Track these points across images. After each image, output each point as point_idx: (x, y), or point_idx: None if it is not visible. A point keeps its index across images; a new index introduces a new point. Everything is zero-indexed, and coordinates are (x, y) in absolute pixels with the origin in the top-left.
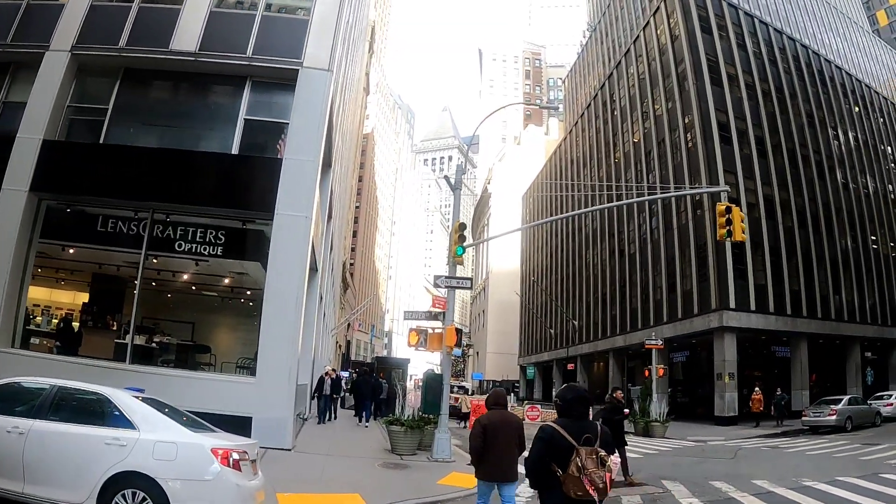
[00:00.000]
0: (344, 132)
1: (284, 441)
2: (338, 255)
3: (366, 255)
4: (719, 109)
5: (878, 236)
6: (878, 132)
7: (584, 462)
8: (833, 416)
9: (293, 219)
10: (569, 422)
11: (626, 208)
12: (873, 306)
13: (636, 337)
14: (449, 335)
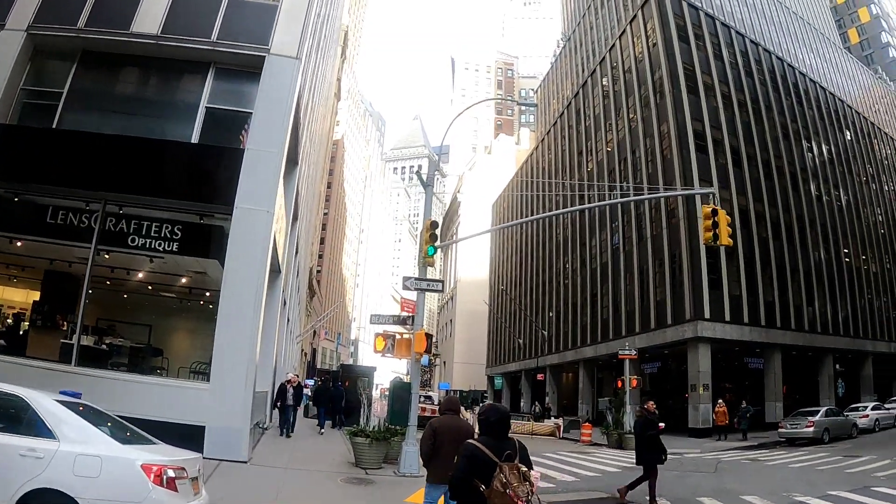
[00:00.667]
0: (312, 133)
1: (240, 453)
2: (304, 261)
3: (333, 262)
4: (695, 118)
5: (850, 249)
6: (850, 146)
7: (507, 477)
8: (810, 428)
9: (253, 213)
10: (490, 440)
11: (597, 218)
12: (846, 318)
13: (607, 347)
14: (418, 340)
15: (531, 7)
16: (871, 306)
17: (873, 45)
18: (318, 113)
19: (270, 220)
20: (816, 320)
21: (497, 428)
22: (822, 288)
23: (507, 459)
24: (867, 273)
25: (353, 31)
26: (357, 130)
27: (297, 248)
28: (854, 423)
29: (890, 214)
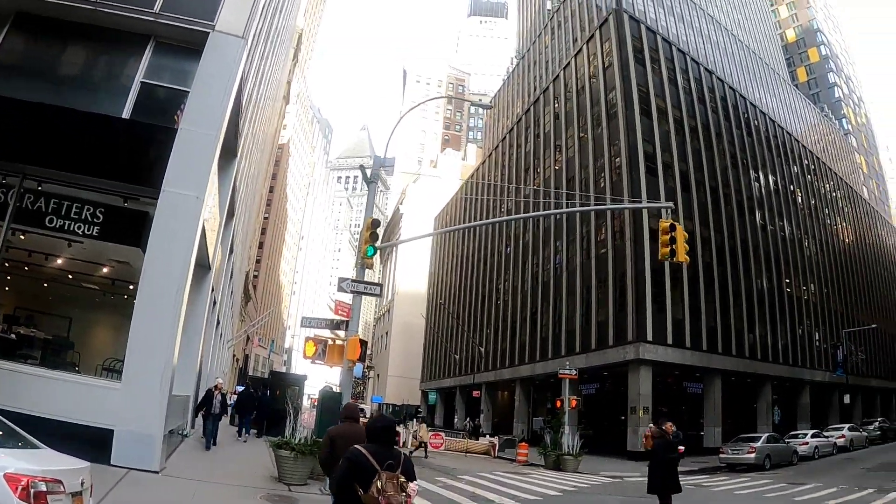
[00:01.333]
0: (256, 130)
1: (151, 461)
2: (241, 263)
3: (271, 267)
4: (647, 141)
5: (791, 279)
6: (795, 179)
7: (384, 485)
8: (752, 454)
9: (182, 198)
10: (376, 447)
11: (541, 236)
12: (785, 347)
13: (545, 366)
14: (351, 347)
15: (486, 25)
16: (810, 336)
17: (820, 84)
18: (265, 112)
19: (199, 207)
20: (757, 347)
21: (382, 436)
22: (763, 316)
23: (388, 468)
24: (806, 303)
25: (307, 35)
26: (304, 136)
27: (233, 247)
28: (794, 450)
29: (829, 247)
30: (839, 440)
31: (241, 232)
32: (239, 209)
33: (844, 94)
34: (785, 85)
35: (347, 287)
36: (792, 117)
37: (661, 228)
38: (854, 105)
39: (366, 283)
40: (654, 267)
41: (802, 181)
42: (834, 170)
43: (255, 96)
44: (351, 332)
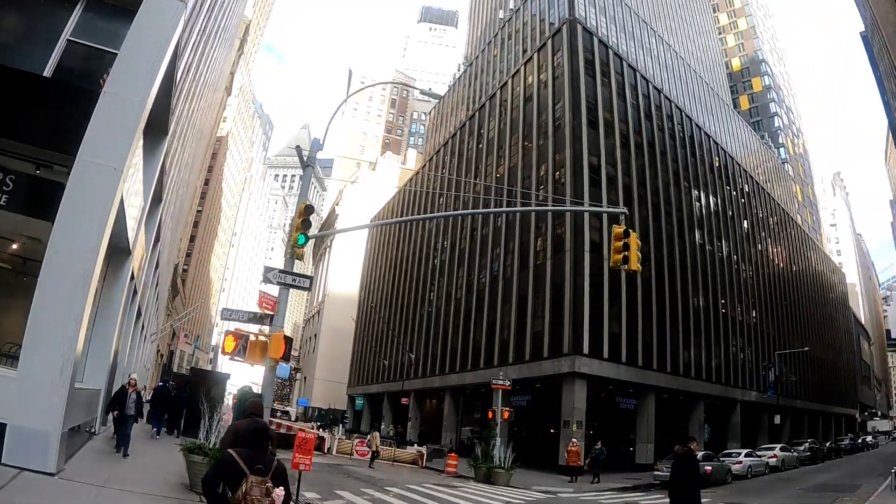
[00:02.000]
0: (193, 113)
1: (46, 462)
2: (168, 254)
3: (202, 262)
4: (592, 153)
5: (727, 300)
6: (734, 202)
7: (249, 488)
8: None
9: (99, 168)
10: (247, 451)
11: (479, 244)
12: (718, 366)
13: (476, 376)
14: (275, 344)
15: (436, 33)
16: (743, 356)
17: (762, 113)
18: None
19: (117, 180)
20: (691, 365)
21: (253, 439)
22: (698, 334)
23: (256, 472)
24: (740, 324)
25: (254, 28)
26: (243, 130)
27: (159, 235)
28: (729, 469)
29: (764, 271)
30: (771, 460)
31: (169, 221)
32: (168, 195)
33: (784, 124)
34: (728, 110)
35: (274, 278)
36: (734, 142)
37: (614, 234)
38: (793, 136)
39: (294, 275)
40: (592, 280)
41: (741, 204)
42: (773, 196)
43: (191, 74)
44: (275, 327)
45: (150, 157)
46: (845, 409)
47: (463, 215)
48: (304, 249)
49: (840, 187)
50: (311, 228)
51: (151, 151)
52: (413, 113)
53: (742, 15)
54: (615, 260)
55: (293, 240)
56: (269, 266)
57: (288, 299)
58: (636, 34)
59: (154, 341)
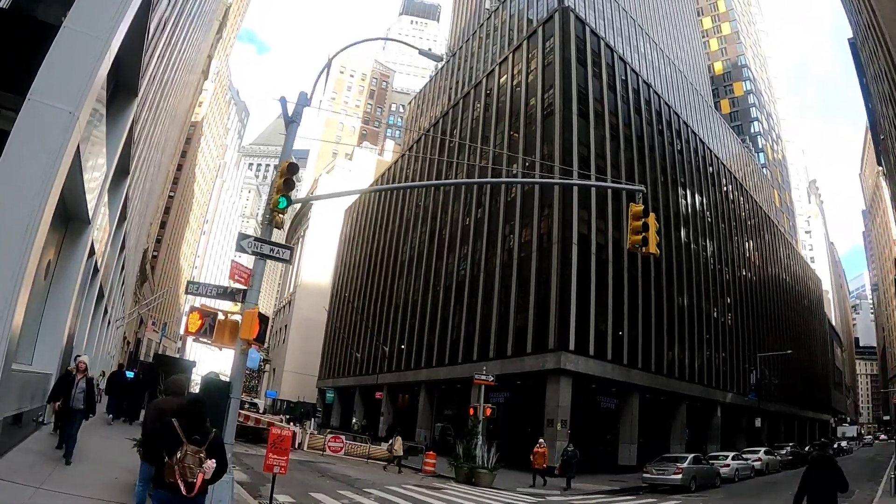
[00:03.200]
0: (167, 83)
1: None
2: (137, 236)
3: (172, 249)
4: (582, 143)
5: (709, 300)
6: (719, 202)
7: (183, 456)
8: (678, 475)
9: (51, 112)
10: (186, 422)
11: (459, 234)
12: (700, 367)
13: (454, 371)
14: (247, 323)
15: (417, 26)
16: (724, 358)
17: (742, 117)
18: (180, 71)
19: (72, 126)
20: (675, 365)
21: (190, 410)
22: (682, 334)
23: (193, 442)
24: (723, 325)
25: (234, 13)
26: (219, 116)
27: (126, 212)
28: (717, 472)
29: (746, 273)
30: (756, 463)
31: (137, 199)
32: (137, 170)
33: (764, 129)
34: (711, 112)
35: (249, 247)
36: (718, 143)
37: (632, 213)
38: (772, 141)
39: (272, 245)
40: (580, 274)
41: (726, 205)
42: (755, 199)
43: (166, 39)
44: (248, 304)
45: (116, 119)
46: (819, 415)
47: (467, 184)
48: (284, 217)
49: (815, 195)
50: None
51: (118, 114)
52: (392, 105)
53: (726, 20)
54: (633, 241)
55: (273, 202)
56: (244, 233)
57: (263, 275)
58: (624, 30)
59: (120, 327)
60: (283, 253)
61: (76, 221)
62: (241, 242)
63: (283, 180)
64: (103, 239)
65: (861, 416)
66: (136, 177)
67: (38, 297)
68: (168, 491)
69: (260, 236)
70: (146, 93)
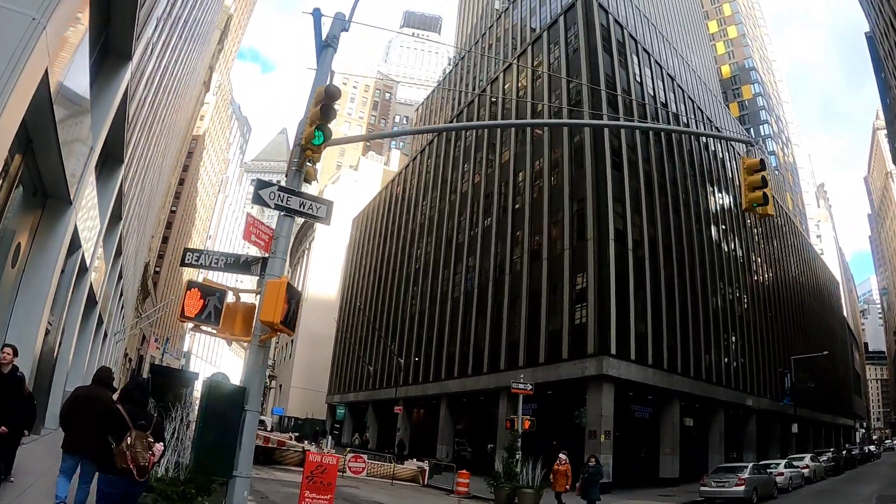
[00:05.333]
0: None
1: None
2: (137, 241)
3: (174, 264)
4: (613, 134)
5: (741, 301)
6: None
7: (133, 441)
8: (741, 487)
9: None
10: (131, 407)
11: (479, 234)
12: (735, 371)
13: (479, 382)
14: (271, 298)
15: (420, 38)
16: (757, 362)
17: (751, 120)
18: (183, 84)
19: (37, 35)
20: (712, 370)
21: (135, 396)
22: (717, 337)
23: (139, 427)
24: (753, 328)
25: (234, 27)
26: (221, 130)
27: (122, 211)
28: (775, 482)
29: (770, 275)
30: (804, 471)
31: (135, 195)
32: (135, 161)
33: (774, 132)
34: (726, 113)
35: (271, 198)
36: (735, 143)
37: (747, 166)
38: (783, 144)
39: (304, 198)
40: (618, 271)
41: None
42: (777, 199)
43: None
44: (271, 272)
45: (112, 74)
46: (843, 419)
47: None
48: (319, 160)
49: (824, 199)
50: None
51: (110, 75)
52: (395, 116)
53: (732, 23)
54: (750, 200)
55: (305, 137)
56: (263, 180)
57: (291, 236)
58: (640, 28)
59: (119, 342)
60: (317, 208)
61: (55, 200)
62: (260, 192)
63: (321, 107)
64: (92, 231)
65: (873, 421)
66: (134, 166)
67: (3, 288)
68: (121, 476)
69: (285, 185)
70: (140, 60)
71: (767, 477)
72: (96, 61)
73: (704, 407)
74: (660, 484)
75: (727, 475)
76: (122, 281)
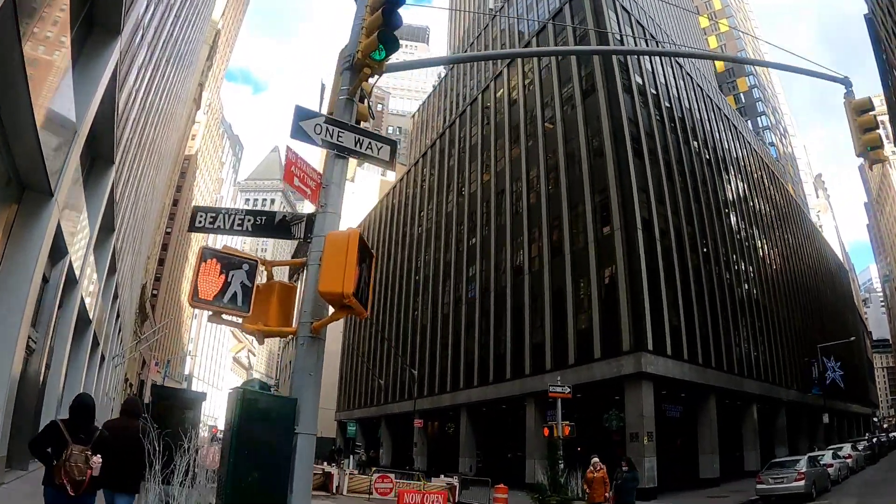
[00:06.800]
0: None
1: None
2: (133, 263)
3: (172, 287)
4: (630, 120)
5: (763, 290)
6: (761, 189)
7: (69, 455)
8: (801, 482)
9: None
10: (72, 422)
11: (493, 234)
12: (764, 363)
13: (502, 389)
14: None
15: (407, 49)
16: (783, 351)
17: (749, 113)
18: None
19: None
20: (743, 363)
21: (76, 412)
22: (745, 327)
23: (78, 441)
24: (777, 317)
25: (223, 44)
26: (213, 150)
27: (115, 223)
28: (828, 474)
29: (790, 262)
30: (848, 461)
31: (128, 208)
32: (127, 166)
33: (772, 123)
34: (727, 104)
35: (318, 132)
36: (743, 133)
37: (854, 106)
38: (780, 134)
39: (358, 132)
40: (648, 262)
41: (764, 193)
42: (787, 188)
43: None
44: (320, 236)
45: (95, 55)
46: (862, 408)
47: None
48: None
49: (822, 189)
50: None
51: (96, 49)
52: (388, 127)
53: (723, 16)
54: (865, 143)
55: (363, 49)
56: (303, 107)
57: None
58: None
59: (119, 365)
60: (377, 148)
61: (32, 193)
62: (302, 124)
63: (383, 9)
64: (82, 239)
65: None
66: (123, 175)
67: None
68: (57, 490)
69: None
70: (132, 34)
71: (822, 469)
72: (80, 33)
73: (737, 402)
74: (701, 485)
75: (784, 470)
76: (118, 301)
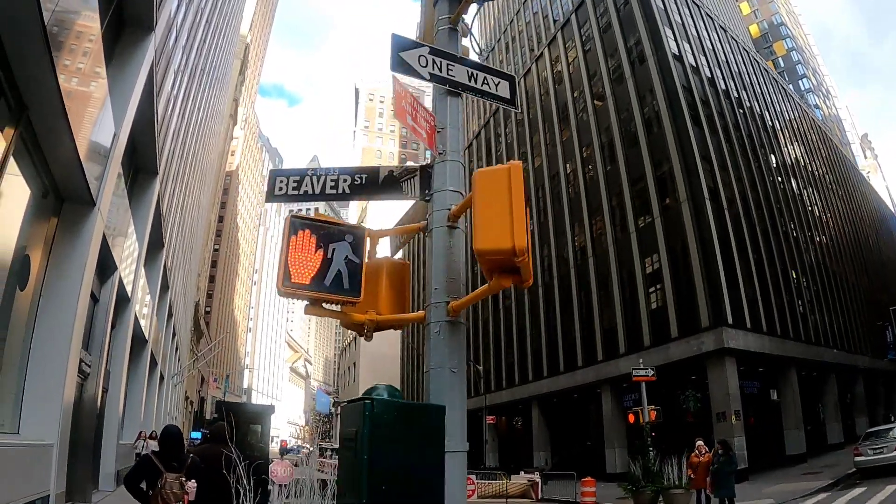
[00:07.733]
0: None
1: None
2: (185, 280)
3: (224, 302)
4: (685, 87)
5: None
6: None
7: (164, 483)
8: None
9: None
10: (162, 453)
11: (552, 223)
12: (839, 329)
13: (574, 378)
14: (497, 203)
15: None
16: (856, 317)
17: (789, 77)
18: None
19: None
20: (819, 331)
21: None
22: (818, 294)
23: (170, 470)
24: (844, 280)
25: (253, 57)
26: (253, 164)
27: (164, 238)
28: None
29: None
30: None
31: (177, 222)
32: (171, 178)
33: (814, 85)
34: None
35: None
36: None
37: None
38: (824, 96)
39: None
40: (719, 233)
41: (820, 156)
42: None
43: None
44: (442, 190)
45: (128, 54)
46: None
47: None
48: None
49: (870, 149)
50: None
51: (128, 48)
52: None
53: None
54: None
55: None
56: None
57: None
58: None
59: (178, 384)
60: (494, 83)
61: (72, 205)
62: (402, 55)
63: None
64: (131, 254)
65: None
66: (168, 188)
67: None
68: None
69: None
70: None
71: None
72: (111, 31)
73: (813, 372)
74: (788, 463)
75: (884, 440)
76: (172, 319)
